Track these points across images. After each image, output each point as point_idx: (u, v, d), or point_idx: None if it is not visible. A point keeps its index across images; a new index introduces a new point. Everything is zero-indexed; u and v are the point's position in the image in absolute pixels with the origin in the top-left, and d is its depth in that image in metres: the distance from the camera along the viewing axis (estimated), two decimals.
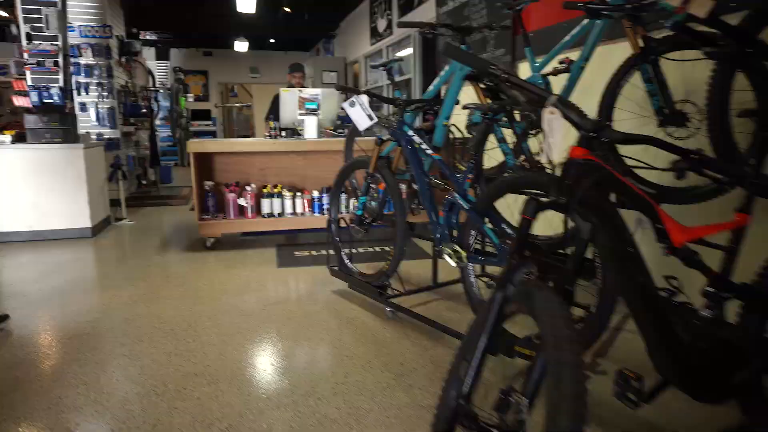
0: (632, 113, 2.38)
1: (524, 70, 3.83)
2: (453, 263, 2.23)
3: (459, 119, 3.07)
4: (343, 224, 3.16)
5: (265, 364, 2.28)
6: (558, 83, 2.72)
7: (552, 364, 1.01)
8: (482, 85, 1.34)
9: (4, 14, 7.49)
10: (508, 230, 2.12)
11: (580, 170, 1.21)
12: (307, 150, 4.44)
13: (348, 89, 2.63)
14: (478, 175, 2.32)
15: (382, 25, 7.75)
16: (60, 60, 5.07)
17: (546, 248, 2.12)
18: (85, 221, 4.71)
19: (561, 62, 2.70)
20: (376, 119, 2.53)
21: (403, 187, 3.16)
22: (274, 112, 4.81)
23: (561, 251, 2.27)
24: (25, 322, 2.72)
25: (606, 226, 1.25)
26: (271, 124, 4.52)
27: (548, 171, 2.53)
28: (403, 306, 2.74)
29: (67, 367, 2.22)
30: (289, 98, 4.45)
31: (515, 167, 2.44)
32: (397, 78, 6.12)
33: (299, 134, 4.50)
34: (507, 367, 2.07)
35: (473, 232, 2.26)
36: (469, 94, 2.93)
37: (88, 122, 6.49)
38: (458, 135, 3.25)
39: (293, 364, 2.25)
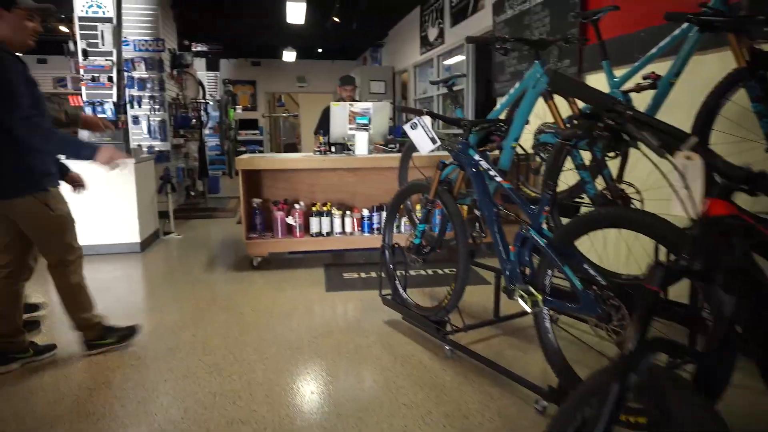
0: (733, 136, 2.08)
1: (596, 85, 3.52)
2: (527, 308, 1.97)
3: (523, 137, 2.81)
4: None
5: (316, 412, 2.08)
6: (641, 101, 2.43)
7: None
8: (600, 123, 1.12)
9: (65, 29, 7.73)
10: (592, 272, 1.85)
11: (725, 230, 0.95)
12: (358, 167, 4.26)
13: (410, 110, 2.42)
14: (552, 204, 2.06)
15: (433, 33, 7.53)
16: (114, 75, 5.11)
17: (633, 291, 1.83)
18: (134, 236, 4.70)
19: (645, 77, 2.41)
20: (439, 142, 2.30)
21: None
22: (323, 126, 4.65)
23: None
24: (71, 349, 2.63)
25: (754, 300, 0.99)
26: (321, 138, 4.36)
27: (636, 204, 2.25)
28: (463, 344, 2.50)
29: (110, 407, 2.10)
30: (340, 112, 4.29)
31: (596, 196, 2.16)
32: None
33: (349, 149, 4.33)
34: None
35: (549, 272, 2.00)
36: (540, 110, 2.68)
37: (140, 135, 6.56)
38: (520, 152, 2.98)
39: (346, 413, 2.04)
